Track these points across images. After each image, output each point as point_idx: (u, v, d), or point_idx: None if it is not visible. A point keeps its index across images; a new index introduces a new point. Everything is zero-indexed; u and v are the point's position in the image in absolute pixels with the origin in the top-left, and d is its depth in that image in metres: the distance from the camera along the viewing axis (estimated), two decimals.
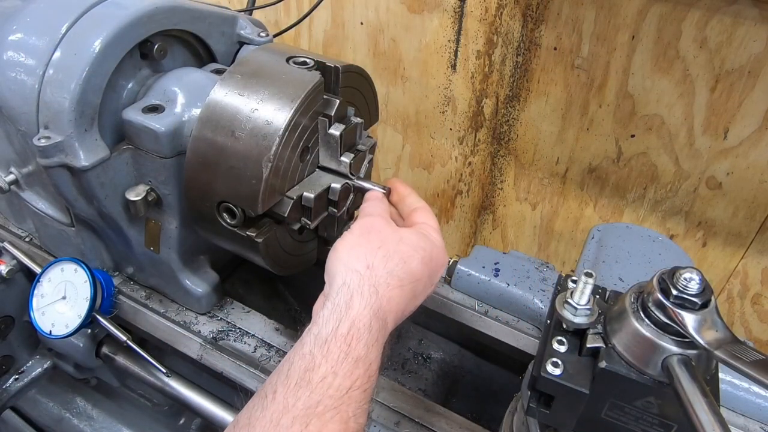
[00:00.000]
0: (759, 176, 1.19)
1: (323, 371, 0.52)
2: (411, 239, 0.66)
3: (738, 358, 0.44)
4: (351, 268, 0.61)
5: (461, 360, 1.10)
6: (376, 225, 0.67)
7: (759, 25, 1.02)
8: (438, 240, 0.69)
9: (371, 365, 0.55)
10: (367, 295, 0.59)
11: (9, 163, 0.92)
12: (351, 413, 0.51)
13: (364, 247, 0.63)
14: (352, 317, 0.57)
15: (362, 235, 0.65)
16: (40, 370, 1.11)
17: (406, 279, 0.62)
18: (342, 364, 0.53)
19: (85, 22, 0.74)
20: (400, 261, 0.62)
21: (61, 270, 0.90)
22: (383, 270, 0.61)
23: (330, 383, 0.52)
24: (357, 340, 0.55)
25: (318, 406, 0.50)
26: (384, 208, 0.72)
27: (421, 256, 0.65)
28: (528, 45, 1.27)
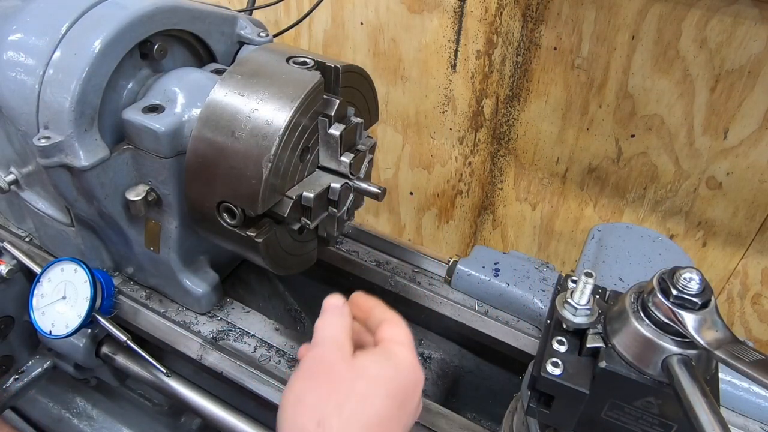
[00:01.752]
0: (759, 176, 1.19)
1: None
2: (370, 370, 0.55)
3: (738, 358, 0.44)
4: (298, 427, 0.51)
5: (461, 360, 1.10)
6: (326, 359, 0.56)
7: (759, 25, 1.02)
8: (405, 356, 0.58)
9: None
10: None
11: (9, 163, 0.92)
12: None
13: (311, 395, 0.53)
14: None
15: (309, 378, 0.55)
16: (40, 370, 1.11)
17: (370, 422, 0.52)
18: None
19: (85, 22, 0.74)
20: (357, 405, 0.52)
21: (61, 270, 0.90)
22: (338, 422, 0.51)
23: None
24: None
25: None
26: (339, 329, 0.60)
27: (385, 389, 0.54)
28: (528, 45, 1.27)
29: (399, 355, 0.58)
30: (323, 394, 0.53)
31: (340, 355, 0.56)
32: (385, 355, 0.58)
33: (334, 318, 0.61)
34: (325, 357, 0.56)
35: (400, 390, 0.56)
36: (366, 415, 0.52)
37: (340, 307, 0.62)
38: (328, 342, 0.58)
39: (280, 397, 0.55)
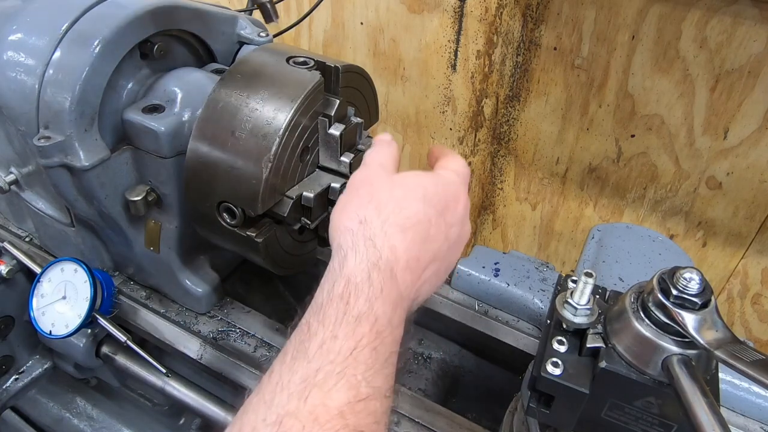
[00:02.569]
0: (759, 176, 1.19)
1: (320, 338, 0.46)
2: (407, 182, 0.59)
3: (738, 358, 0.44)
4: (343, 228, 0.55)
5: (461, 360, 1.10)
6: (368, 177, 0.60)
7: (759, 25, 1.02)
8: (448, 176, 0.62)
9: (378, 321, 0.48)
10: (363, 249, 0.53)
11: (9, 163, 0.92)
12: (360, 376, 0.44)
13: (354, 203, 0.57)
14: (346, 275, 0.51)
15: (351, 192, 0.59)
16: (40, 370, 1.11)
17: (407, 223, 0.55)
18: (341, 325, 0.47)
19: (85, 22, 0.74)
20: (395, 208, 0.56)
21: (61, 270, 0.90)
22: (377, 221, 0.55)
23: (329, 348, 0.45)
24: (356, 297, 0.49)
25: (317, 375, 0.44)
26: (387, 155, 0.64)
27: (420, 194, 0.58)
28: (528, 45, 1.27)
29: (443, 174, 0.62)
30: (364, 201, 0.57)
31: (382, 172, 0.61)
32: (427, 174, 0.61)
33: (381, 147, 0.65)
34: (368, 175, 0.61)
35: (437, 198, 0.59)
36: (402, 216, 0.55)
37: (388, 140, 0.67)
38: (372, 164, 0.62)
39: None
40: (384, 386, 0.46)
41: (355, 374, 0.44)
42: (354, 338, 0.46)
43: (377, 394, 0.45)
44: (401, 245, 0.54)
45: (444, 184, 0.61)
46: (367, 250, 0.52)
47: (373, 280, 0.50)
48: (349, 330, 0.46)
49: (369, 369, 0.45)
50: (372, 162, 0.63)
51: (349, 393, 0.43)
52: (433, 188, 0.59)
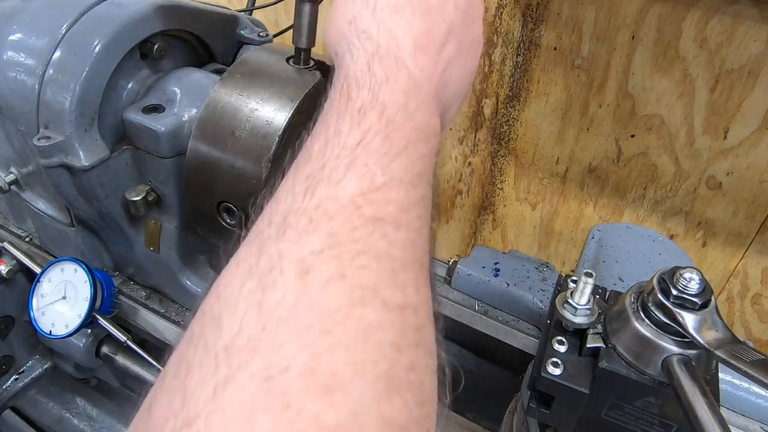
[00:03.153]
0: (759, 176, 1.19)
1: (324, 137, 0.40)
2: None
3: (738, 358, 0.44)
4: (335, 36, 0.49)
5: (461, 360, 1.10)
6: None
7: (759, 25, 1.02)
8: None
9: (387, 109, 0.41)
10: (357, 45, 0.46)
11: (9, 163, 0.92)
12: (373, 165, 0.38)
13: (338, 7, 0.50)
14: (344, 75, 0.45)
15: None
16: (40, 370, 1.11)
17: (401, 6, 0.47)
18: (344, 120, 0.41)
19: (85, 22, 0.74)
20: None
21: (61, 270, 0.90)
22: (366, 12, 0.47)
23: (334, 144, 0.40)
24: (357, 90, 0.43)
25: (323, 170, 0.38)
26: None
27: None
28: (528, 45, 1.27)
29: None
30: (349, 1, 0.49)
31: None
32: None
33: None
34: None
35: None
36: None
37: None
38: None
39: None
40: (406, 174, 0.39)
41: (366, 163, 0.38)
42: (360, 129, 0.40)
43: (395, 181, 0.38)
44: (399, 27, 0.46)
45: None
46: (363, 44, 0.46)
47: (374, 71, 0.43)
48: (354, 123, 0.40)
49: (383, 156, 0.39)
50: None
51: (361, 182, 0.37)
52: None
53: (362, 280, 0.33)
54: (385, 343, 0.31)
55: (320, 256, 0.33)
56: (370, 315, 0.32)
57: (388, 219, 0.36)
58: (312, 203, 0.36)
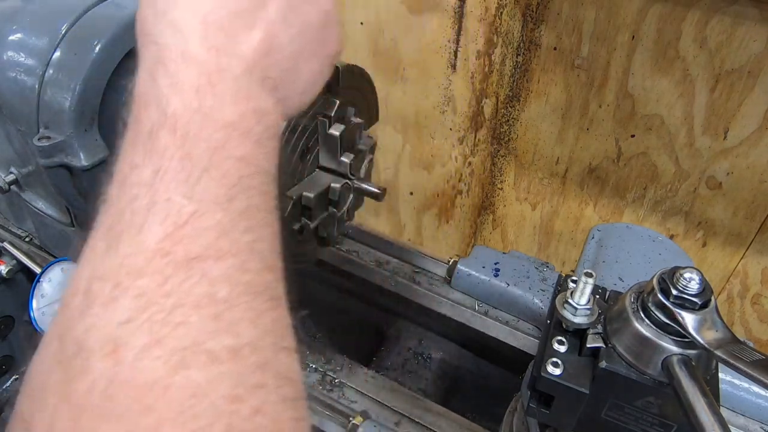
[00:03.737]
0: (759, 176, 1.19)
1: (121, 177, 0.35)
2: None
3: (738, 358, 0.44)
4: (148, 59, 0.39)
5: (461, 360, 1.10)
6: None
7: (759, 25, 1.02)
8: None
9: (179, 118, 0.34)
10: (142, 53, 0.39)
11: (9, 163, 0.92)
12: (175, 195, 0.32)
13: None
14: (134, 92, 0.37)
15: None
16: None
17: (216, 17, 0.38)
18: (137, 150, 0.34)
19: (85, 22, 0.74)
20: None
21: (61, 270, 0.90)
22: (150, 10, 0.39)
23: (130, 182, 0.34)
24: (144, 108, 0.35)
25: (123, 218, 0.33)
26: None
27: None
28: (528, 45, 1.27)
29: None
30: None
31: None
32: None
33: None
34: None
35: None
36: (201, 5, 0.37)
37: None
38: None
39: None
40: (219, 189, 0.34)
41: (168, 197, 0.32)
42: (155, 157, 0.33)
43: (207, 205, 0.33)
44: (183, 13, 0.37)
45: None
46: (146, 51, 0.38)
47: (158, 80, 0.36)
48: (146, 151, 0.34)
49: (184, 182, 0.33)
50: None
51: (165, 222, 0.32)
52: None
53: (181, 339, 0.29)
54: (218, 400, 0.28)
55: (129, 325, 0.29)
56: (195, 375, 0.28)
57: (206, 253, 0.32)
58: (116, 262, 0.31)
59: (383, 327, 1.16)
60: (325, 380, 0.88)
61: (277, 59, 0.40)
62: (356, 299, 1.13)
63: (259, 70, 0.39)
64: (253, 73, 0.38)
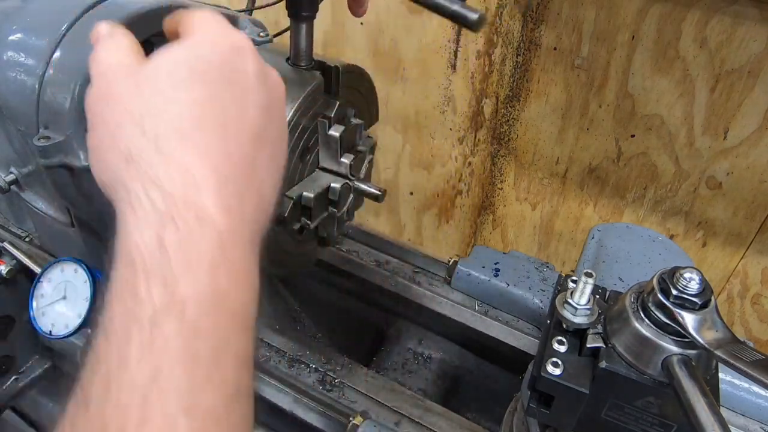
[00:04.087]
0: (759, 176, 1.19)
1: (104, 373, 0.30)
2: (157, 69, 0.39)
3: (738, 358, 0.44)
4: (107, 180, 0.37)
5: (461, 360, 1.10)
6: (103, 90, 0.41)
7: (759, 25, 1.02)
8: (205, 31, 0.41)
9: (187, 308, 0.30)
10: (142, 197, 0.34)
11: (9, 163, 0.92)
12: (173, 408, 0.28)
13: (104, 138, 0.38)
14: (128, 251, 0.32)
15: (93, 123, 0.40)
16: (40, 370, 1.11)
17: (185, 122, 0.36)
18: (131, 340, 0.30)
19: (85, 22, 0.74)
20: (159, 111, 0.37)
21: (61, 270, 0.90)
22: (146, 144, 0.35)
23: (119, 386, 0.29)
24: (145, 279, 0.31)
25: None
26: (116, 49, 0.43)
27: (183, 74, 0.38)
28: (528, 45, 1.27)
29: (195, 33, 0.41)
30: (114, 125, 0.38)
31: (120, 72, 0.41)
32: (176, 44, 0.40)
33: (104, 43, 0.44)
34: (101, 87, 0.41)
35: (208, 68, 0.39)
36: (175, 115, 0.36)
37: (110, 29, 0.46)
38: (101, 70, 0.42)
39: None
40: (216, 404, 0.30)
41: (164, 413, 0.28)
42: (155, 352, 0.29)
43: (205, 423, 0.29)
44: (195, 159, 0.35)
45: (206, 43, 0.41)
46: (149, 196, 0.34)
47: (168, 246, 0.32)
48: (144, 344, 0.29)
49: (186, 394, 0.29)
50: (100, 66, 0.43)
51: None
52: (195, 58, 0.39)
53: None
54: None
55: None
56: None
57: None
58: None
59: (383, 327, 1.16)
60: (325, 380, 0.88)
61: (265, 200, 0.39)
62: (356, 299, 1.13)
63: (259, 229, 0.37)
64: (255, 236, 0.36)
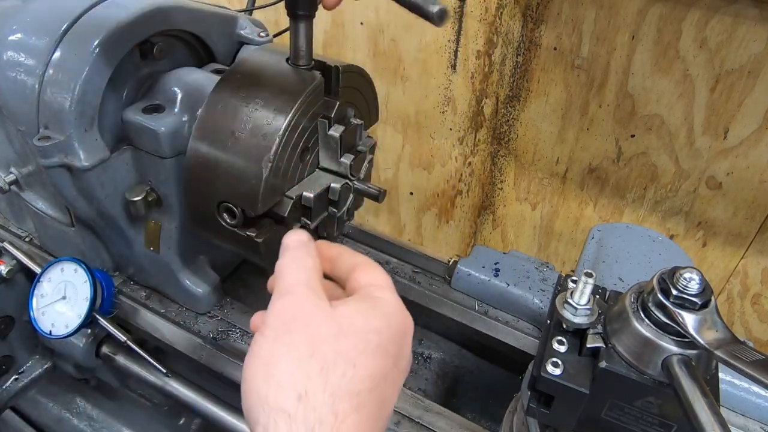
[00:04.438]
0: (759, 176, 1.19)
1: None
2: (355, 322, 0.44)
3: (738, 358, 0.44)
4: (274, 406, 0.39)
5: (461, 360, 1.10)
6: (300, 312, 0.43)
7: (759, 25, 1.02)
8: (390, 301, 0.47)
9: None
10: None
11: (9, 163, 0.92)
12: None
13: (286, 361, 0.41)
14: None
15: (281, 337, 0.42)
16: (40, 370, 1.11)
17: (364, 391, 0.41)
18: None
19: (85, 22, 0.74)
20: (347, 367, 0.41)
21: (61, 270, 0.90)
22: (323, 394, 0.39)
23: None
24: None
25: None
26: (311, 270, 0.48)
27: (377, 341, 0.43)
28: (528, 45, 1.27)
29: (385, 300, 0.47)
30: (302, 357, 0.40)
31: (317, 304, 0.44)
32: (369, 303, 0.46)
33: (301, 258, 0.48)
34: (299, 308, 0.44)
35: (392, 343, 0.44)
36: (358, 379, 0.41)
37: (306, 243, 0.50)
38: (299, 289, 0.45)
39: (243, 368, 0.42)
40: None
41: None
42: None
43: None
44: (353, 426, 0.39)
45: (394, 317, 0.46)
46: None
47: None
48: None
49: None
50: (295, 286, 0.46)
51: None
52: (387, 333, 0.44)
53: None
54: None
55: None
56: None
57: None
58: None
59: None
60: None
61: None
62: None
63: None
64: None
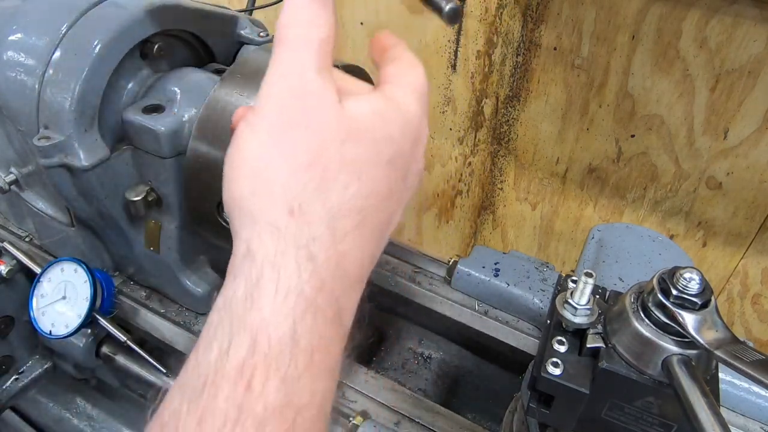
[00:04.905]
0: (759, 176, 1.19)
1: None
2: (366, 127, 0.35)
3: (738, 358, 0.44)
4: (260, 219, 0.32)
5: (461, 360, 1.10)
6: (300, 107, 0.34)
7: (759, 25, 1.02)
8: (410, 104, 0.38)
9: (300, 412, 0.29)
10: (292, 270, 0.31)
11: (9, 163, 0.92)
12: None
13: (280, 166, 0.33)
14: (254, 326, 0.30)
15: (274, 137, 0.33)
16: (40, 370, 1.11)
17: (367, 207, 0.34)
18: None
19: (85, 22, 0.74)
20: (351, 180, 0.34)
21: (61, 270, 0.90)
22: (321, 210, 0.32)
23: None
24: (264, 378, 0.29)
25: None
26: (316, 43, 0.35)
27: (389, 153, 0.36)
28: (528, 45, 1.27)
29: (403, 102, 0.38)
30: (299, 164, 0.33)
31: (322, 97, 0.34)
32: (388, 105, 0.37)
33: (307, 23, 0.35)
34: (299, 102, 0.34)
35: (403, 156, 0.37)
36: (361, 195, 0.34)
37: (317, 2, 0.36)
38: (302, 61, 0.34)
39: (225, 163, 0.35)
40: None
41: None
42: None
43: None
44: (354, 250, 0.34)
45: (410, 125, 0.38)
46: (299, 275, 0.31)
47: (300, 340, 0.30)
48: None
49: None
50: (296, 60, 0.35)
51: None
52: (401, 141, 0.37)
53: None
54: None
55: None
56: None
57: None
58: None
59: (383, 327, 1.16)
60: None
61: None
62: None
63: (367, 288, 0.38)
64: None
